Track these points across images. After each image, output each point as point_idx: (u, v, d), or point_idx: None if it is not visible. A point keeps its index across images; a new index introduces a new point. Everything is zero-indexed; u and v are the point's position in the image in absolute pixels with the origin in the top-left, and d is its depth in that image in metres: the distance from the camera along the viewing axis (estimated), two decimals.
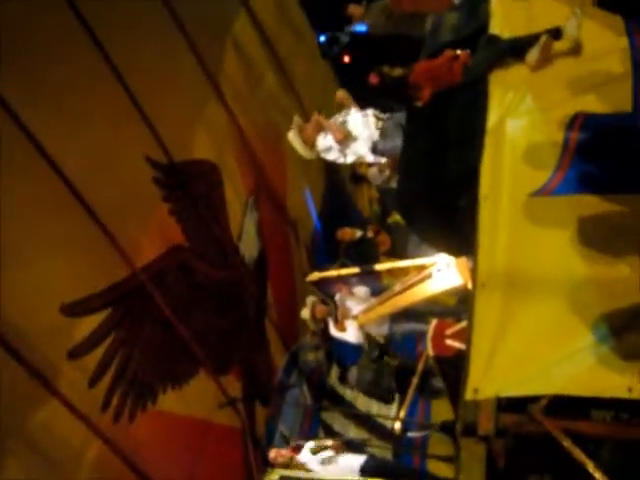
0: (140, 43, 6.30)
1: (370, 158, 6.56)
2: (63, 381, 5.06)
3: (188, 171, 6.66)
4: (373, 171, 8.39)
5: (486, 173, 3.55)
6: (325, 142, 6.61)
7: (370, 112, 6.31)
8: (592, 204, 3.22)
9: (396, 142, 5.81)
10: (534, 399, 2.97)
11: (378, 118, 6.19)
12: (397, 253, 7.69)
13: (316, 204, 8.98)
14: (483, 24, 4.30)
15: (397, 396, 7.50)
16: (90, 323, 5.41)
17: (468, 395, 3.06)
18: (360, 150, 6.43)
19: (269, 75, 8.00)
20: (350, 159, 6.68)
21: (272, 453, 6.60)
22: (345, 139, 6.43)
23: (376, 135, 6.17)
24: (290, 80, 6.93)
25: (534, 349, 2.98)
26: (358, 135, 6.37)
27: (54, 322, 5.07)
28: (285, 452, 6.58)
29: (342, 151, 6.56)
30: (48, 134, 5.10)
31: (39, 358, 4.88)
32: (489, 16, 4.30)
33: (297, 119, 6.76)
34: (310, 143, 6.71)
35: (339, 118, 6.61)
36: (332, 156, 6.71)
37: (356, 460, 6.34)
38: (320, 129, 6.60)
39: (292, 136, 6.80)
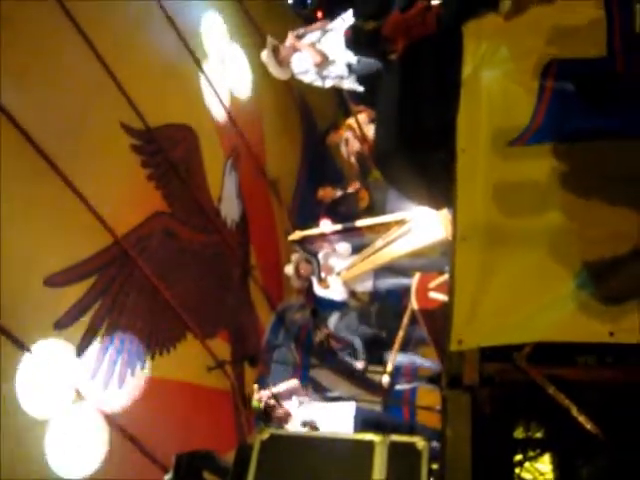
0: (109, 7, 6.20)
1: (347, 82, 6.44)
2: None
3: (165, 136, 6.62)
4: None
5: (463, 126, 3.54)
6: (301, 64, 6.48)
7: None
8: (570, 152, 3.22)
9: (371, 61, 5.71)
10: (518, 348, 3.00)
11: None
12: (378, 209, 7.69)
13: (295, 162, 8.95)
14: None
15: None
16: (75, 293, 5.42)
17: (452, 346, 3.08)
18: (338, 71, 6.31)
19: (241, 35, 7.91)
20: (328, 83, 6.57)
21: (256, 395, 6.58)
22: (323, 62, 6.31)
23: (351, 55, 6.07)
24: (264, 40, 6.84)
25: (516, 298, 3.00)
26: (335, 56, 6.25)
27: (38, 294, 5.07)
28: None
29: (319, 74, 6.44)
30: (18, 104, 5.04)
31: (26, 331, 4.90)
32: None
33: (271, 39, 6.61)
34: (285, 64, 6.59)
35: (314, 38, 6.48)
36: (309, 78, 6.60)
37: (347, 410, 6.41)
38: (296, 50, 6.47)
39: (266, 56, 6.66)
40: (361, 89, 6.38)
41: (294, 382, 6.51)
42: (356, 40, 5.63)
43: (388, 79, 4.59)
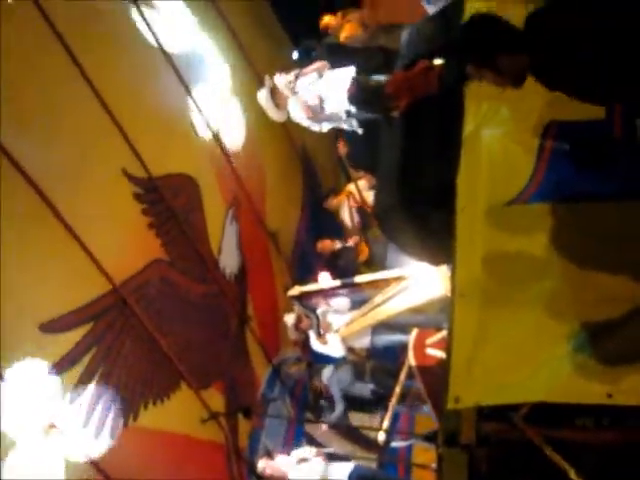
0: (116, 57, 6.31)
1: (345, 124, 6.44)
2: None
3: (167, 185, 6.65)
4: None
5: (463, 184, 3.57)
6: (297, 110, 6.48)
7: (344, 75, 6.22)
8: (568, 212, 3.25)
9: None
10: (515, 407, 2.98)
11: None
12: (377, 263, 7.70)
13: (295, 214, 8.99)
14: (458, 33, 4.32)
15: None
16: (71, 339, 5.39)
17: (449, 404, 3.06)
18: (334, 117, 6.31)
19: (246, 87, 8.01)
20: (326, 126, 6.58)
21: (261, 464, 6.58)
22: (315, 114, 6.31)
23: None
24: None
25: (513, 358, 2.99)
26: (332, 100, 6.24)
27: (34, 340, 5.04)
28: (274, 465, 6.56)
29: (315, 118, 6.44)
30: (21, 146, 5.08)
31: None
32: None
33: (269, 80, 6.59)
34: (282, 106, 6.57)
35: (310, 80, 6.47)
36: (306, 123, 6.61)
37: (343, 469, 6.33)
38: (293, 93, 6.46)
39: (263, 97, 6.63)
40: (360, 131, 6.39)
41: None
42: (359, 96, 5.70)
43: (390, 136, 4.65)
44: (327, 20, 7.57)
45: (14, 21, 5.13)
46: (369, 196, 7.90)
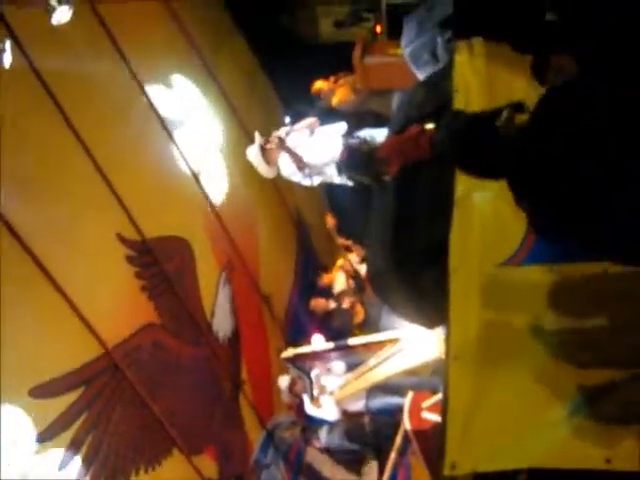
0: (110, 120, 6.38)
1: (337, 180, 6.44)
2: None
3: (160, 248, 6.65)
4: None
5: (455, 246, 3.59)
6: (287, 165, 6.48)
7: (335, 131, 6.25)
8: (561, 273, 3.25)
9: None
10: (514, 472, 2.92)
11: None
12: (372, 325, 7.65)
13: (289, 278, 8.98)
14: (448, 99, 4.40)
15: (375, 466, 7.41)
16: (60, 405, 5.31)
17: (446, 470, 3.01)
18: (325, 172, 6.32)
19: (239, 150, 8.09)
20: (317, 181, 6.59)
21: None
22: (305, 165, 6.31)
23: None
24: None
25: (509, 422, 2.96)
26: (323, 157, 6.25)
27: (22, 405, 4.96)
28: None
29: (306, 174, 6.44)
30: (14, 209, 5.09)
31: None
32: (453, 91, 4.41)
33: (258, 136, 6.60)
34: (272, 162, 6.58)
35: (301, 137, 6.48)
36: (297, 178, 6.61)
37: None
38: (282, 149, 6.46)
39: (252, 153, 6.61)
40: (351, 184, 6.40)
41: None
42: (351, 160, 5.75)
43: (381, 199, 4.68)
44: (319, 85, 7.70)
45: (9, 85, 5.20)
46: (361, 269, 7.96)
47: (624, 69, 2.70)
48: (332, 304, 8.39)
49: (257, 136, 6.60)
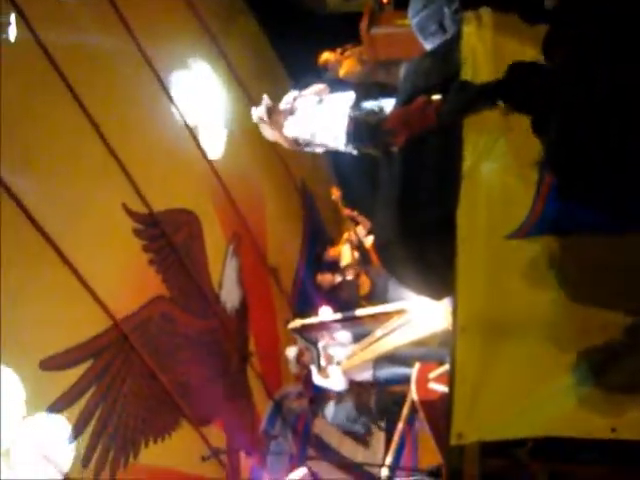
0: (116, 91, 6.37)
1: (342, 148, 6.38)
2: None
3: (167, 221, 6.67)
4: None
5: (463, 217, 3.58)
6: (293, 130, 6.40)
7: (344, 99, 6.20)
8: (566, 245, 3.25)
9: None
10: (520, 442, 2.95)
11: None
12: (379, 296, 7.67)
13: (296, 249, 8.99)
14: (455, 70, 4.37)
15: (382, 437, 7.47)
16: (71, 377, 5.36)
17: (452, 440, 3.03)
18: (327, 142, 6.27)
19: (245, 122, 8.06)
20: (319, 150, 6.54)
21: None
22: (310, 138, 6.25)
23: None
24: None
25: (516, 392, 2.97)
26: (329, 126, 6.20)
27: (34, 377, 5.02)
28: None
29: (310, 144, 6.38)
30: (22, 183, 5.11)
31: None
32: (461, 62, 4.38)
33: (266, 99, 6.51)
34: (278, 126, 6.50)
35: (310, 102, 6.41)
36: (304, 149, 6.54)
37: None
38: (291, 113, 6.38)
39: (258, 114, 6.51)
40: (356, 153, 6.35)
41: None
42: (357, 133, 5.72)
43: (388, 171, 4.66)
44: (326, 56, 7.65)
45: (16, 60, 5.19)
46: (368, 241, 7.94)
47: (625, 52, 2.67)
48: (338, 278, 8.40)
49: (265, 98, 6.52)
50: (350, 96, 6.26)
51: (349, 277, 8.33)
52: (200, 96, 7.64)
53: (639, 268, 3.05)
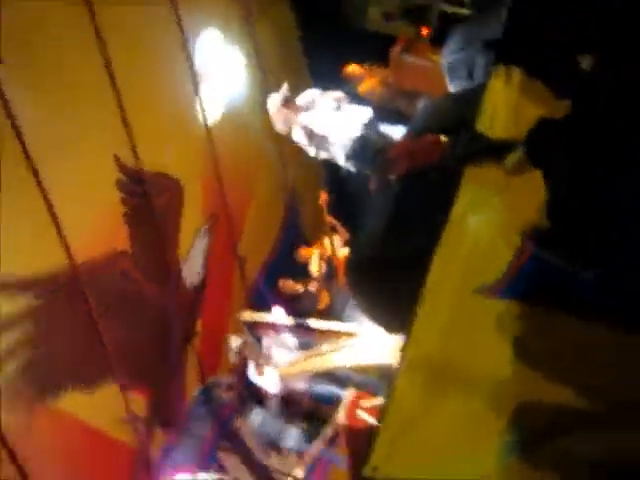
0: (140, 46, 6.34)
1: (341, 161, 6.39)
2: None
3: (153, 182, 6.64)
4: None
5: (438, 260, 3.61)
6: (300, 128, 6.39)
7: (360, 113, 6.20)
8: (532, 314, 3.28)
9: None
10: None
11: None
12: (334, 314, 7.66)
13: (267, 250, 8.94)
14: (472, 118, 4.40)
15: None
16: (13, 305, 5.31)
17: (367, 472, 3.05)
18: (332, 150, 6.27)
19: (257, 109, 8.05)
20: (322, 155, 6.54)
21: None
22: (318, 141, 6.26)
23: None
24: None
25: (442, 443, 3.00)
26: (338, 135, 6.21)
27: None
28: None
29: (316, 144, 6.38)
30: (23, 102, 5.06)
31: None
32: (479, 112, 4.41)
33: (286, 88, 6.46)
34: (290, 121, 6.49)
35: (327, 105, 6.40)
36: (303, 143, 6.52)
37: None
38: (307, 109, 6.38)
39: (273, 102, 6.46)
40: (353, 169, 6.37)
41: None
42: (362, 151, 5.75)
43: (382, 195, 4.69)
44: (352, 69, 7.66)
45: None
46: (341, 252, 7.95)
47: None
48: (300, 287, 8.38)
49: (285, 87, 6.51)
50: (367, 113, 6.30)
51: (311, 289, 8.32)
52: (219, 68, 7.60)
53: (599, 352, 3.07)
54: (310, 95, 6.49)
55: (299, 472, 6.73)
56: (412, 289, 3.64)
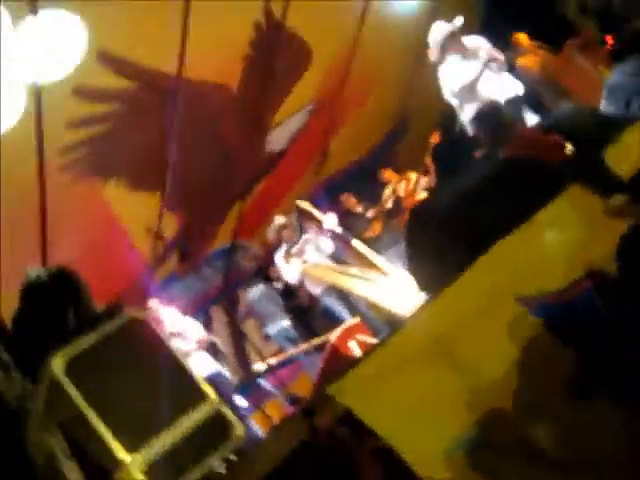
0: None
1: (465, 118, 6.27)
2: None
3: (288, 39, 6.59)
4: None
5: (491, 256, 3.51)
6: (454, 72, 6.30)
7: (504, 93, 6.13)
8: (550, 343, 3.25)
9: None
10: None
11: None
12: (377, 248, 7.63)
13: (363, 147, 8.81)
14: (601, 144, 4.28)
15: None
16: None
17: (331, 390, 3.15)
18: (464, 106, 6.17)
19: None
20: (454, 102, 6.40)
21: None
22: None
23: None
24: None
25: (405, 407, 3.02)
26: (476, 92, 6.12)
27: None
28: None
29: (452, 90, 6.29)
30: None
31: None
32: (614, 142, 4.29)
33: (459, 21, 6.27)
34: (445, 53, 6.37)
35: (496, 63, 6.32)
36: (447, 86, 6.40)
37: (205, 367, 6.39)
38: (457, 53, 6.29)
39: (439, 31, 6.26)
40: (472, 131, 6.23)
41: None
42: (491, 118, 5.56)
43: (481, 167, 4.64)
44: (522, 38, 7.37)
45: None
46: (419, 193, 7.88)
47: None
48: (359, 208, 8.36)
49: (458, 20, 6.34)
50: (517, 89, 6.17)
51: (369, 215, 8.31)
52: None
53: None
54: (478, 41, 6.34)
55: (273, 360, 6.91)
56: (460, 264, 3.62)
